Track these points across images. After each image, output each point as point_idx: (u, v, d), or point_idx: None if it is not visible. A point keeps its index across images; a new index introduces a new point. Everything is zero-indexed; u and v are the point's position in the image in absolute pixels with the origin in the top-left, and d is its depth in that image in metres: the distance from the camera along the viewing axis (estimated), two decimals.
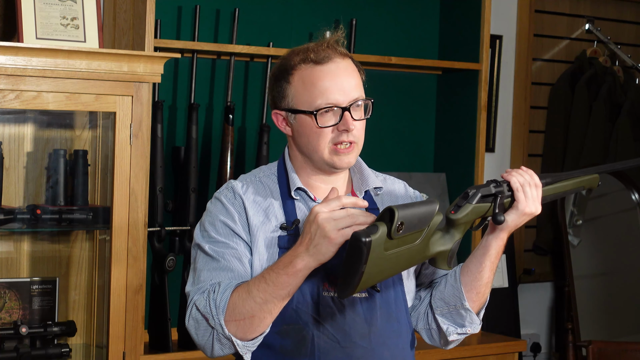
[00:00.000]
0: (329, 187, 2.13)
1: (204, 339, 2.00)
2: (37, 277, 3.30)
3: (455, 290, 2.15)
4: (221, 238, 2.06)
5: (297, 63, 2.07)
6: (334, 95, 2.05)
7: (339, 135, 2.06)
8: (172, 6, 3.63)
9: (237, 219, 2.07)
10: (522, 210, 2.06)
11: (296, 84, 2.07)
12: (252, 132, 3.77)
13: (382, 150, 4.12)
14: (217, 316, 1.95)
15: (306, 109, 2.06)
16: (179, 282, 3.50)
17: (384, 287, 2.08)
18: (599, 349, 4.13)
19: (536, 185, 2.08)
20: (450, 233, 2.02)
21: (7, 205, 3.20)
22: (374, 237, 1.82)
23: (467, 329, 2.17)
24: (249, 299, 1.94)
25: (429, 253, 1.99)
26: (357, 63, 2.13)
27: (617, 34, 4.99)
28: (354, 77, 2.08)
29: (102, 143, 3.27)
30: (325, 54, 2.07)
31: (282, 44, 3.74)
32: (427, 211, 1.92)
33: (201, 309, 1.98)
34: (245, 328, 1.95)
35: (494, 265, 2.13)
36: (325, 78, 2.05)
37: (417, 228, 1.91)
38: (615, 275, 4.74)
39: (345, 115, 2.05)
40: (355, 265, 1.83)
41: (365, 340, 2.05)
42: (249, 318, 1.94)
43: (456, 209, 2.01)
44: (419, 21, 4.20)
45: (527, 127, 4.71)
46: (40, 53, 2.96)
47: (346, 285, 1.86)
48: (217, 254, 2.05)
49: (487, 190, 2.03)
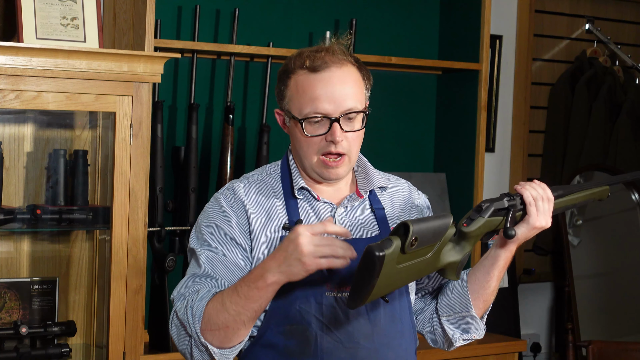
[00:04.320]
0: (332, 189, 2.13)
1: (183, 345, 2.01)
2: (37, 277, 3.30)
3: (462, 298, 2.15)
4: (214, 244, 2.06)
5: (296, 67, 2.06)
6: (323, 104, 2.02)
7: (328, 145, 2.04)
8: (172, 6, 3.63)
9: (233, 223, 2.06)
10: (533, 224, 2.07)
11: (292, 88, 2.06)
12: (252, 132, 3.77)
13: (382, 150, 4.12)
14: (194, 324, 1.96)
15: (296, 115, 2.05)
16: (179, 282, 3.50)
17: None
18: (599, 349, 4.13)
19: (549, 199, 2.08)
20: (460, 245, 2.02)
21: (7, 205, 3.20)
22: (388, 252, 1.81)
23: (473, 335, 2.19)
24: (223, 310, 1.94)
25: (439, 264, 1.99)
26: (363, 69, 2.10)
27: (617, 34, 4.99)
28: (349, 87, 2.04)
29: (102, 143, 3.27)
30: (322, 62, 2.04)
31: (282, 44, 3.74)
32: (441, 226, 1.92)
33: (180, 317, 1.99)
34: (221, 338, 1.96)
35: (501, 274, 2.15)
36: (316, 86, 2.03)
37: (430, 242, 1.91)
38: (615, 275, 4.74)
39: (333, 126, 2.02)
40: (367, 278, 1.82)
41: (369, 341, 2.05)
42: (224, 329, 1.95)
43: (469, 222, 2.01)
44: (419, 21, 4.20)
45: (527, 127, 4.71)
46: (40, 53, 2.96)
47: (356, 297, 1.86)
48: (206, 261, 2.04)
49: (501, 204, 2.04)
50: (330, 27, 3.93)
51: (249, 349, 2.07)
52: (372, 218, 2.14)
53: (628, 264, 4.73)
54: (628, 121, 4.79)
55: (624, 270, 4.74)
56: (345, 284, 2.03)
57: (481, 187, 4.04)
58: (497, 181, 4.62)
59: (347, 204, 2.12)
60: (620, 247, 4.75)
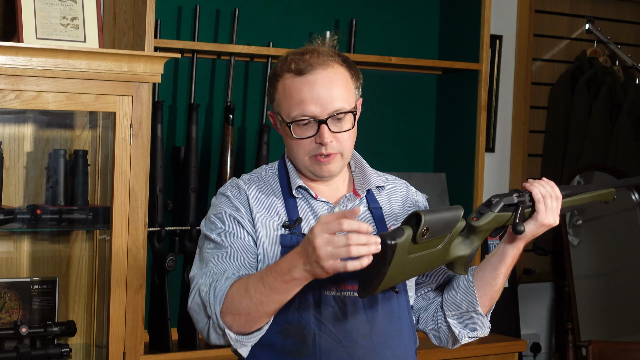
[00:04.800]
0: (329, 188, 2.13)
1: (202, 324, 1.99)
2: (37, 277, 3.30)
3: (468, 296, 2.16)
4: (228, 229, 2.06)
5: (283, 71, 2.06)
6: (309, 107, 2.02)
7: (318, 147, 2.05)
8: (172, 6, 3.63)
9: (243, 212, 2.07)
10: (541, 222, 2.08)
11: (280, 91, 2.07)
12: (252, 132, 3.77)
13: (382, 150, 4.12)
14: (214, 305, 1.94)
15: (285, 119, 2.06)
16: (179, 282, 3.50)
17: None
18: (599, 349, 4.13)
19: (557, 197, 2.09)
20: (469, 239, 2.03)
21: (7, 205, 3.20)
22: (399, 241, 1.82)
23: (479, 333, 2.20)
24: (246, 296, 1.92)
25: (449, 257, 2.01)
26: (352, 68, 2.09)
27: (617, 34, 4.99)
28: (336, 88, 2.04)
29: (102, 143, 3.27)
30: (307, 64, 2.04)
31: (282, 44, 3.74)
32: (452, 217, 1.93)
33: (202, 295, 1.97)
34: (241, 323, 1.94)
35: (508, 271, 2.16)
36: (302, 89, 2.03)
37: (441, 233, 1.92)
38: (615, 275, 4.74)
39: (321, 128, 2.03)
40: (379, 267, 1.83)
41: (367, 340, 2.05)
42: (245, 315, 1.93)
43: (478, 216, 2.03)
44: (419, 21, 4.20)
45: (527, 127, 4.71)
46: (40, 53, 2.96)
47: (367, 285, 1.86)
48: (225, 243, 2.04)
49: (510, 200, 2.05)
50: (330, 27, 3.94)
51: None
52: (369, 217, 2.14)
53: (628, 264, 4.73)
54: (628, 121, 4.79)
55: (624, 270, 4.74)
56: (344, 282, 2.04)
57: (481, 187, 4.04)
58: (497, 181, 4.62)
59: (344, 204, 2.12)
60: (620, 247, 4.75)
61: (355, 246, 1.79)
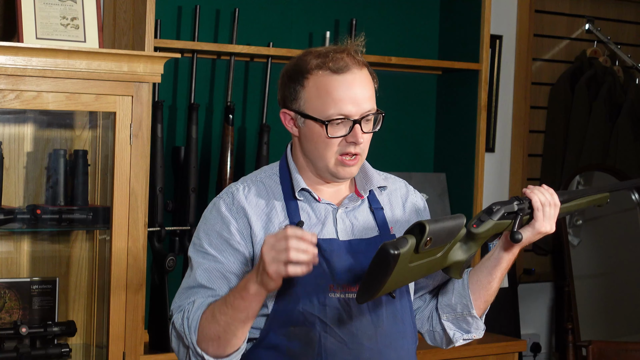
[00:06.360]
0: (332, 189, 2.13)
1: (182, 354, 2.03)
2: (37, 277, 3.29)
3: (463, 299, 2.16)
4: (212, 250, 2.05)
5: (314, 68, 2.05)
6: (347, 106, 2.03)
7: (347, 146, 2.05)
8: (172, 6, 3.63)
9: (232, 228, 2.05)
10: (539, 229, 2.09)
11: (310, 89, 2.05)
12: (252, 132, 3.77)
13: (382, 150, 4.12)
14: (190, 336, 1.98)
15: (317, 117, 2.04)
16: (179, 282, 3.47)
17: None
18: (599, 349, 4.13)
19: (555, 205, 2.10)
20: (467, 245, 2.04)
21: (7, 205, 3.20)
22: (403, 251, 1.82)
23: (473, 335, 2.21)
24: (213, 321, 1.95)
25: (446, 263, 2.01)
26: (373, 72, 2.12)
27: (617, 34, 4.99)
28: (368, 89, 2.07)
29: (102, 143, 3.27)
30: (344, 63, 2.04)
31: (282, 44, 3.74)
32: (455, 226, 1.94)
33: (177, 328, 2.01)
34: (215, 347, 1.97)
35: (503, 275, 2.17)
36: (340, 88, 2.03)
37: (443, 243, 1.93)
38: (615, 275, 4.74)
39: (355, 127, 2.05)
40: (380, 275, 1.83)
41: (372, 342, 2.05)
42: (216, 339, 1.96)
43: (478, 223, 2.03)
44: (419, 21, 4.20)
45: (527, 127, 4.71)
46: (40, 53, 2.96)
47: (366, 291, 1.87)
48: (203, 271, 2.04)
49: (510, 208, 2.06)
50: (330, 27, 3.93)
51: (251, 351, 2.06)
52: (371, 218, 2.14)
53: (628, 264, 4.73)
54: (628, 121, 4.79)
55: (623, 271, 4.74)
56: (349, 284, 2.03)
57: (481, 187, 4.04)
58: (497, 181, 4.62)
59: (347, 205, 2.12)
60: (620, 247, 4.75)
61: (294, 250, 1.83)
